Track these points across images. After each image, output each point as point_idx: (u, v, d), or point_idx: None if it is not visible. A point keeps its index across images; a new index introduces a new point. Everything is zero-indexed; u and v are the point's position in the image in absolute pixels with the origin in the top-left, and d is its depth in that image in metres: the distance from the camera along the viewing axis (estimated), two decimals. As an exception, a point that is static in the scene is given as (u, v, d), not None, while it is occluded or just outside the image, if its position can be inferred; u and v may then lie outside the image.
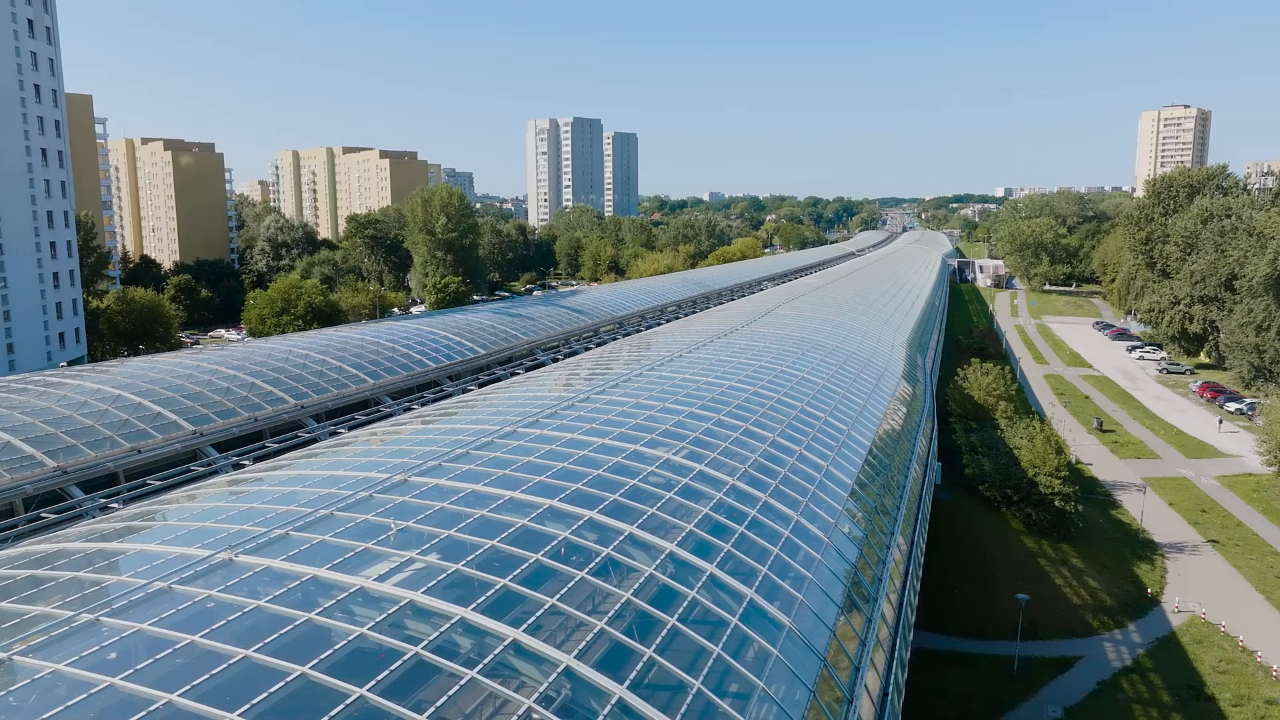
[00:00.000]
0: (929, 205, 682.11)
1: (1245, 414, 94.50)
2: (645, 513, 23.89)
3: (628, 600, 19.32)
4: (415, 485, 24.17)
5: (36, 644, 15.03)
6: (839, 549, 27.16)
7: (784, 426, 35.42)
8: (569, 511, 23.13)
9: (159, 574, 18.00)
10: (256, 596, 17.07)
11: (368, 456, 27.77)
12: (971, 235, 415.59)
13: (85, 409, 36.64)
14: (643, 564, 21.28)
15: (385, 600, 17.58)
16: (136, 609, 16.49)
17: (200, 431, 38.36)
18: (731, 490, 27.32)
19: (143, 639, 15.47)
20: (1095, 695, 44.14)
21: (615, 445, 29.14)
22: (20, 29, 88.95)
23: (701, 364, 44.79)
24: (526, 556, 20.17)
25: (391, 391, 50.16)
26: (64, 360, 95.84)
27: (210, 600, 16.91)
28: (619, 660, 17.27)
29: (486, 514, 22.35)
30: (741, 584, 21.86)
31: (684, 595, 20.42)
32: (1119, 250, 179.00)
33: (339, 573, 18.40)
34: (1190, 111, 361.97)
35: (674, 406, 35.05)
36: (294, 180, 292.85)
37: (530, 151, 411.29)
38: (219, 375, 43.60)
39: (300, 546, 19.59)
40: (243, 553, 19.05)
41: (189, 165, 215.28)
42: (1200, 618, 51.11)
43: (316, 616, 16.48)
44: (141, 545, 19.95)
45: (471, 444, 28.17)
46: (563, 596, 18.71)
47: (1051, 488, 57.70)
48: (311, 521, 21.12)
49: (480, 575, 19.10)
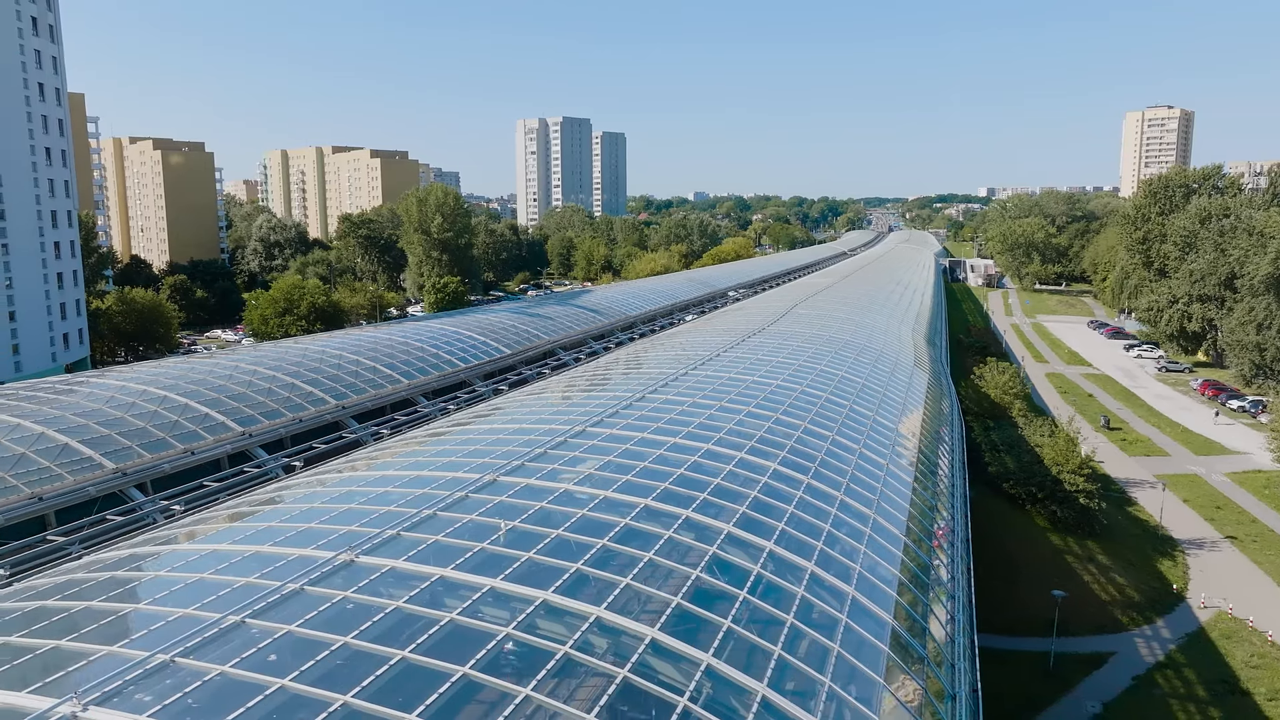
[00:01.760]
0: (913, 205, 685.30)
1: (1249, 412, 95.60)
2: (737, 512, 23.99)
3: (745, 599, 19.39)
4: (506, 485, 24.13)
5: (194, 645, 14.90)
6: (911, 543, 27.40)
7: (839, 424, 35.61)
8: (665, 511, 23.18)
9: (286, 575, 17.88)
10: (393, 598, 17.02)
11: (446, 457, 27.66)
12: (958, 235, 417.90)
13: (135, 410, 36.31)
14: (746, 562, 21.35)
15: (517, 600, 17.57)
16: (275, 610, 16.38)
17: (249, 432, 38.11)
18: (809, 489, 27.46)
19: (292, 640, 15.37)
20: (1132, 691, 44.47)
21: (687, 444, 29.21)
22: (25, 27, 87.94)
23: (741, 363, 44.90)
24: (639, 556, 20.20)
25: (425, 392, 49.99)
26: (68, 361, 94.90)
27: (348, 602, 16.83)
28: (752, 660, 17.34)
29: (586, 513, 22.36)
30: (842, 582, 22.02)
31: (793, 594, 20.52)
32: (1111, 249, 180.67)
33: (464, 573, 18.36)
34: (1174, 112, 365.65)
35: (731, 406, 35.15)
36: (283, 180, 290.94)
37: (519, 151, 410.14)
38: (258, 376, 43.31)
39: (417, 547, 19.53)
40: (362, 554, 18.97)
41: (179, 165, 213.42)
42: (1227, 613, 51.65)
43: (458, 617, 16.44)
44: (255, 547, 19.80)
45: (547, 444, 28.14)
46: (685, 595, 18.76)
47: (1076, 485, 58.20)
48: (418, 522, 21.04)
49: (599, 574, 19.13)
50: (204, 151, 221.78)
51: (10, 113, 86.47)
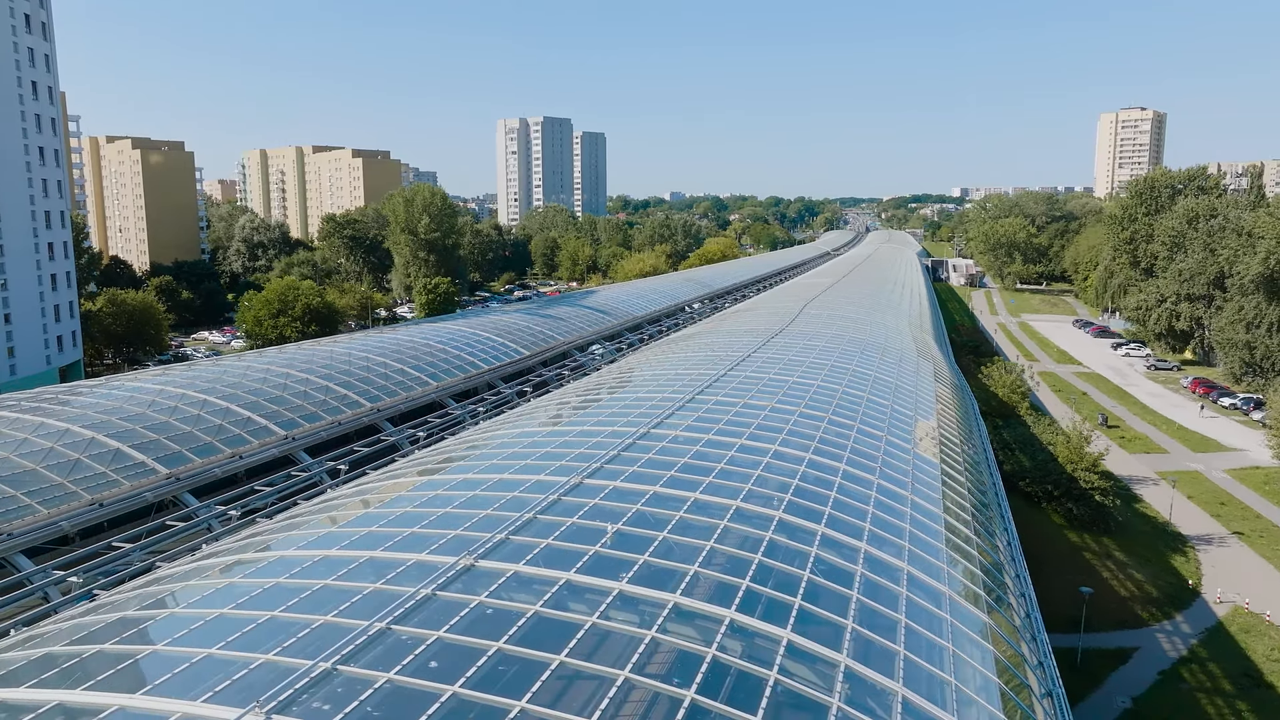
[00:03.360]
0: (888, 205, 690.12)
1: (1240, 409, 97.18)
2: (823, 513, 24.10)
3: (858, 599, 19.50)
4: (592, 488, 24.09)
5: (350, 653, 14.73)
6: (984, 544, 27.71)
7: (887, 424, 35.91)
8: (756, 513, 23.26)
9: (410, 580, 17.75)
10: (528, 602, 16.95)
11: (519, 459, 27.52)
12: (935, 235, 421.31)
13: (178, 414, 35.82)
14: (847, 563, 21.45)
15: (646, 603, 17.56)
16: (416, 616, 16.23)
17: (291, 436, 37.73)
18: (881, 489, 27.67)
19: (444, 646, 15.26)
20: (1159, 686, 45.12)
21: (754, 445, 29.32)
22: (18, 24, 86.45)
23: (775, 364, 45.07)
24: (749, 558, 20.26)
25: (453, 394, 49.74)
26: (61, 365, 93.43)
27: (485, 607, 16.72)
28: (880, 658, 17.46)
29: (683, 515, 22.38)
30: (938, 582, 22.23)
31: (897, 595, 20.66)
32: (1092, 249, 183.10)
33: (587, 576, 18.32)
34: (1147, 114, 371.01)
35: (781, 406, 35.30)
36: (261, 180, 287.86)
37: (500, 151, 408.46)
38: (292, 379, 42.89)
39: (530, 551, 19.45)
40: (479, 559, 18.87)
41: (158, 164, 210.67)
42: (1243, 608, 52.51)
43: (599, 620, 16.40)
44: (365, 552, 19.60)
45: (616, 446, 28.10)
46: (805, 596, 18.86)
47: (1091, 482, 58.94)
48: (520, 525, 20.95)
49: (716, 575, 19.21)
50: (184, 151, 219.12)
51: (4, 112, 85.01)
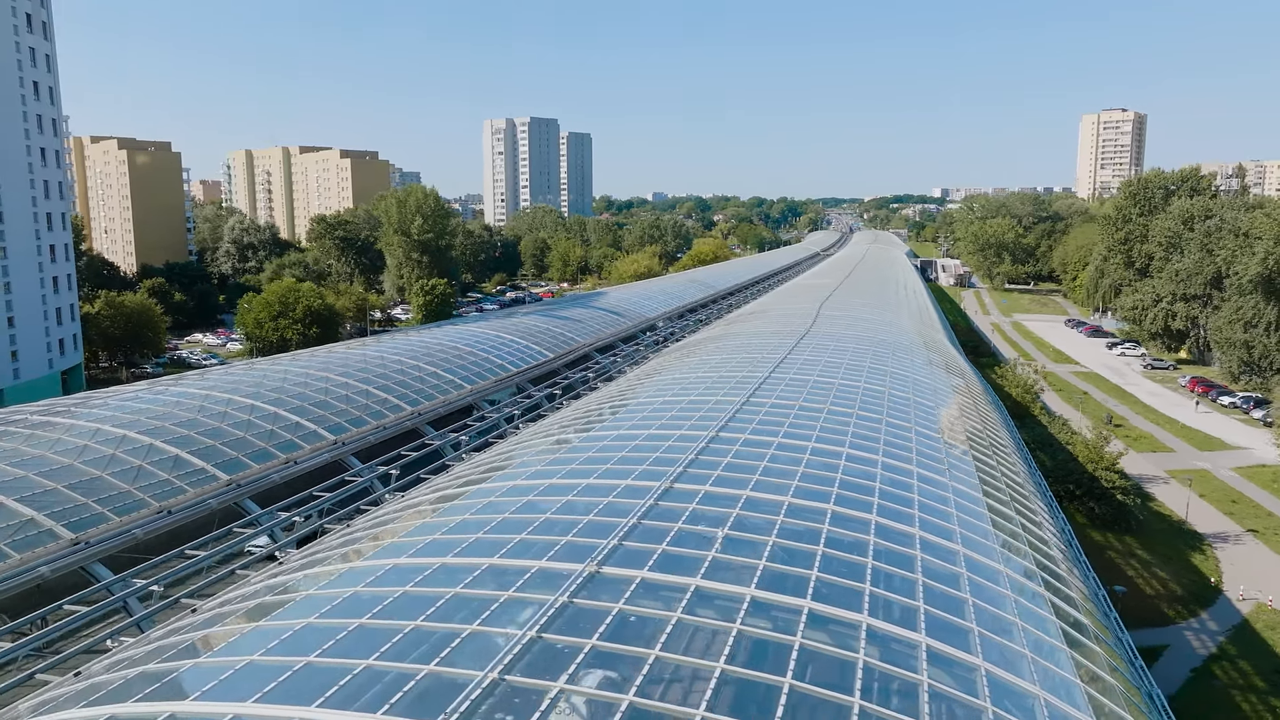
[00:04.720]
0: (870, 206, 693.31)
1: (1240, 408, 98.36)
2: (914, 516, 24.23)
3: (970, 601, 19.62)
4: (684, 493, 24.06)
5: (523, 667, 14.68)
6: (1048, 540, 27.95)
7: (937, 424, 36.12)
8: (852, 517, 23.33)
9: (539, 588, 17.67)
10: (668, 609, 16.91)
11: (599, 464, 27.41)
12: (919, 235, 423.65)
13: (229, 420, 35.47)
14: (948, 564, 21.58)
15: (779, 609, 17.59)
16: (560, 624, 16.19)
17: (340, 441, 37.45)
18: (953, 490, 27.85)
19: (598, 655, 15.22)
20: (1192, 683, 45.59)
21: (826, 449, 29.40)
22: (20, 24, 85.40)
23: (815, 365, 45.19)
24: (861, 562, 20.34)
25: (485, 397, 49.57)
26: (63, 368, 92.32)
27: (628, 615, 16.69)
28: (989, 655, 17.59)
29: (783, 519, 22.41)
30: (1027, 580, 22.44)
31: (1003, 596, 20.81)
32: (1080, 249, 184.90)
33: (714, 582, 18.33)
34: (1128, 115, 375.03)
35: (836, 409, 35.39)
36: (247, 180, 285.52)
37: (487, 151, 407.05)
38: (332, 383, 42.59)
39: (649, 557, 19.40)
40: (603, 565, 18.82)
41: (145, 165, 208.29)
42: (1267, 605, 53.17)
43: (742, 626, 16.39)
44: (482, 560, 19.48)
45: (693, 449, 28.06)
46: (926, 599, 18.96)
47: (1112, 482, 59.49)
48: (629, 530, 20.90)
49: (834, 580, 19.23)
50: (170, 151, 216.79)
51: (7, 112, 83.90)
